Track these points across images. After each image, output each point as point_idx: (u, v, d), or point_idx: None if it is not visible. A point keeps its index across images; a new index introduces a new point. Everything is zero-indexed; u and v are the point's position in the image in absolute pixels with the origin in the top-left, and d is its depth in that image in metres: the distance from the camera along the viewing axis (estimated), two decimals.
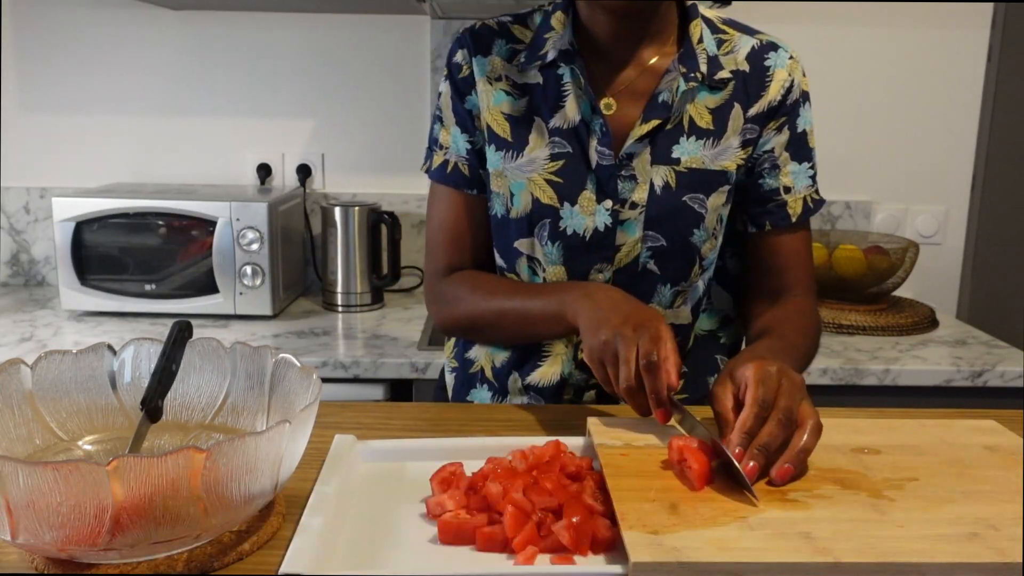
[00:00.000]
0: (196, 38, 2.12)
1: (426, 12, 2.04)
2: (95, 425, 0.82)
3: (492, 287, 1.10)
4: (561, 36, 1.05)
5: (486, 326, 1.10)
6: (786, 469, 0.77)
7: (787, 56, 1.08)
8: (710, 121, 1.05)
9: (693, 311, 1.13)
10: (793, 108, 1.08)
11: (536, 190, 1.06)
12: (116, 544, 0.61)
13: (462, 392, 1.21)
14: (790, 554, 0.65)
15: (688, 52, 1.04)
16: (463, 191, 1.13)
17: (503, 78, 1.09)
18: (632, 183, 1.04)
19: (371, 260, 2.01)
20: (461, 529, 0.71)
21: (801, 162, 1.10)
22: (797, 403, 0.81)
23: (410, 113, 2.16)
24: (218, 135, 2.17)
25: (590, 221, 1.05)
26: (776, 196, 1.09)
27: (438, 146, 1.14)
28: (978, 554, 0.66)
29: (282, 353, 0.82)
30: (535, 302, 1.03)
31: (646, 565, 0.64)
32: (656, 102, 1.04)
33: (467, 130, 1.11)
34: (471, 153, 1.11)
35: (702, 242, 1.07)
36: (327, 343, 1.74)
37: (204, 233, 1.85)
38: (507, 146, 1.08)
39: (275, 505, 0.76)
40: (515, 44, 1.10)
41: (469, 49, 1.10)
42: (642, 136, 1.03)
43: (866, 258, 1.93)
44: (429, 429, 0.99)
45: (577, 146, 1.05)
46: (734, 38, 1.08)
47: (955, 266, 2.28)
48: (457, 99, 1.11)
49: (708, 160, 1.05)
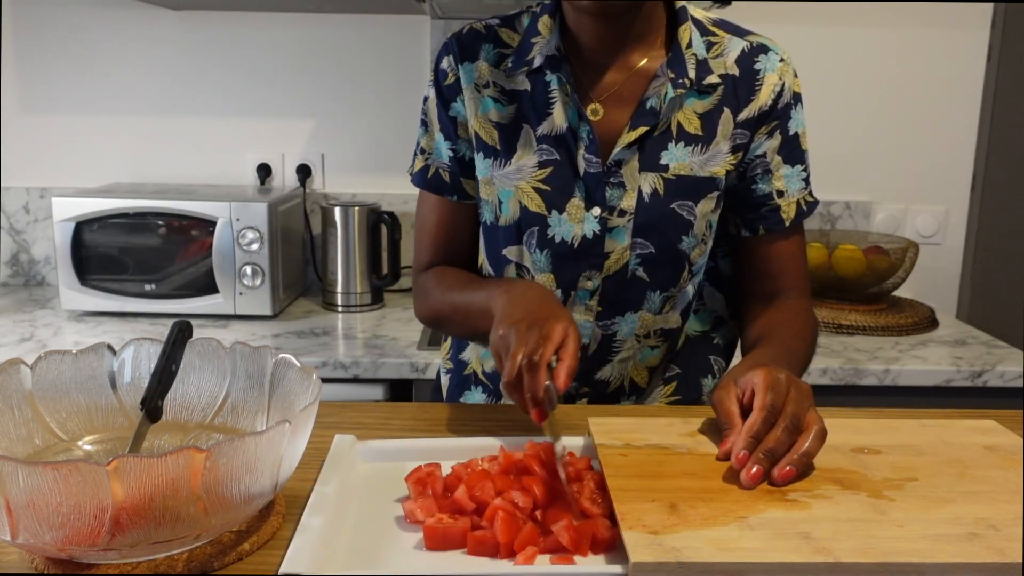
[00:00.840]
0: (196, 38, 2.12)
1: (426, 12, 2.04)
2: (95, 425, 0.82)
3: (452, 281, 1.11)
4: (548, 41, 1.04)
5: (445, 319, 1.12)
6: (788, 471, 0.77)
7: (777, 59, 1.06)
8: (699, 127, 1.04)
9: (683, 314, 1.14)
10: (784, 112, 1.07)
11: (524, 198, 1.06)
12: (116, 544, 0.61)
13: (456, 394, 1.21)
14: (790, 554, 0.65)
15: (676, 57, 1.03)
16: (444, 197, 1.13)
17: (490, 84, 1.08)
18: (620, 190, 1.03)
19: (371, 260, 2.01)
20: (448, 535, 0.71)
21: (794, 165, 1.09)
22: (805, 411, 0.81)
23: (410, 113, 2.16)
24: (218, 135, 2.17)
25: (578, 229, 1.04)
26: (769, 201, 1.08)
27: (420, 151, 1.15)
28: (978, 554, 0.66)
29: (282, 353, 0.82)
30: (474, 296, 1.04)
31: (646, 565, 0.64)
32: (644, 108, 1.03)
33: (450, 138, 1.11)
34: (453, 161, 1.11)
35: (691, 248, 1.06)
36: (327, 343, 1.74)
37: (204, 233, 1.85)
38: (495, 154, 1.07)
39: (275, 505, 0.76)
40: (502, 48, 1.09)
41: (455, 56, 1.09)
42: (630, 143, 1.02)
43: (866, 258, 1.93)
44: (429, 429, 0.99)
45: (565, 153, 1.04)
46: (724, 40, 1.07)
47: (955, 266, 2.29)
48: (441, 107, 1.11)
49: (697, 167, 1.04)
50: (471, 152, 1.10)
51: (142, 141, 2.16)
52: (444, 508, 0.74)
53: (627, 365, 1.12)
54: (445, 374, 1.24)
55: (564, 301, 1.08)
